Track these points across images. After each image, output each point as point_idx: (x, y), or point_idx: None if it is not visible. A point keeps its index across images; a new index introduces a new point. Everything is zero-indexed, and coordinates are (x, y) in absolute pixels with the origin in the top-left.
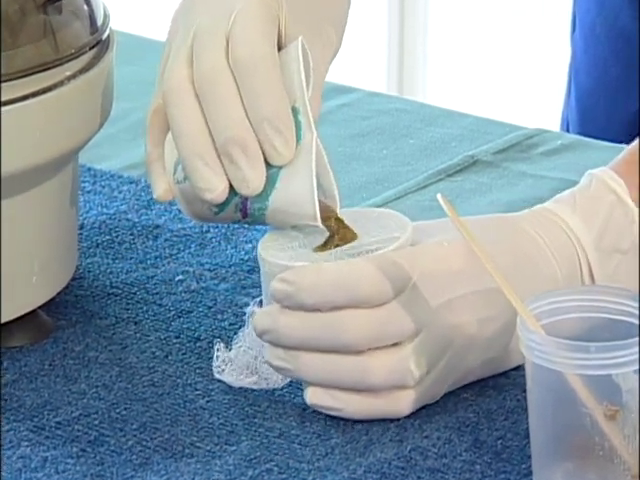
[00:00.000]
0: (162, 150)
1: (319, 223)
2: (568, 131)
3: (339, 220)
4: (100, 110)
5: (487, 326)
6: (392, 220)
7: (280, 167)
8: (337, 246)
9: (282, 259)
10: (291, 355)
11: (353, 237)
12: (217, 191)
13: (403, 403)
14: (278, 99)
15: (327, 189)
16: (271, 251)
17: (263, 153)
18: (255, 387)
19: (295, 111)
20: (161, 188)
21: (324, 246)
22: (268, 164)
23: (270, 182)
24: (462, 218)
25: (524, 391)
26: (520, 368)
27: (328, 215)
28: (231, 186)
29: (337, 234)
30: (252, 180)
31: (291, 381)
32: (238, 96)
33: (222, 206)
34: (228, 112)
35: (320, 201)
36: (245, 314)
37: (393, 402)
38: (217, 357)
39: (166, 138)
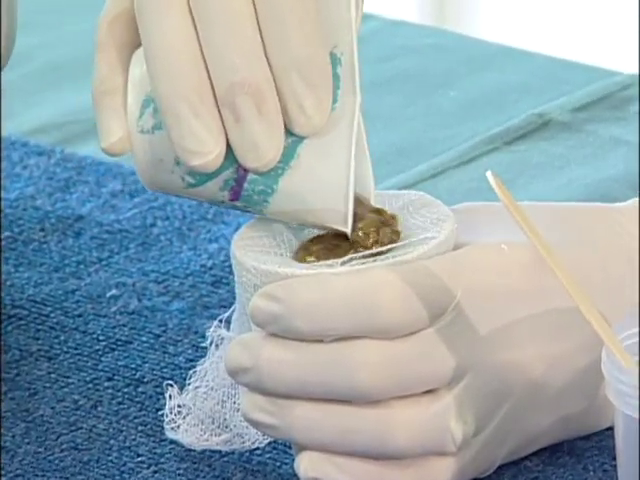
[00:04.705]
0: (122, 79)
1: (348, 230)
2: None
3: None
4: None
5: (562, 365)
6: (425, 210)
7: (302, 138)
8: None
9: (267, 263)
10: (278, 405)
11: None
12: (209, 156)
13: (440, 476)
14: (314, 38)
15: (360, 179)
16: (251, 253)
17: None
18: (225, 449)
19: (335, 59)
20: (115, 135)
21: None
22: (285, 130)
23: (285, 157)
24: (523, 206)
25: (613, 458)
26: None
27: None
28: (226, 151)
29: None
30: (265, 150)
31: (276, 441)
32: (255, 24)
33: (206, 177)
34: (238, 45)
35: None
36: (206, 342)
37: (425, 475)
38: (169, 407)
39: (132, 62)
